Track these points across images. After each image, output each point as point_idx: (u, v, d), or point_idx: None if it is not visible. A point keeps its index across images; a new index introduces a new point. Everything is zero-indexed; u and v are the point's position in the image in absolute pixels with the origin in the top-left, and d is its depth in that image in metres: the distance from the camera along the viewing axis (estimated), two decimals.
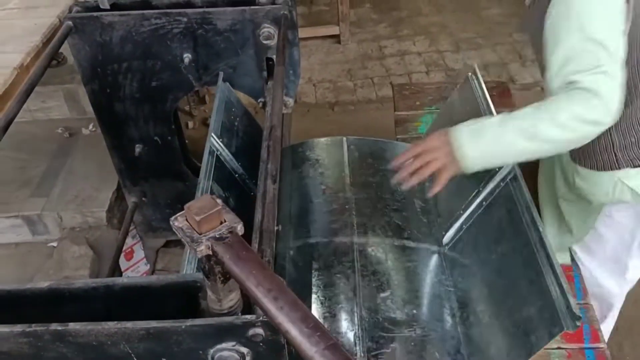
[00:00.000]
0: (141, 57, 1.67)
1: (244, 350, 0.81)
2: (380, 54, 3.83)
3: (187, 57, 1.66)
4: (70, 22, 1.61)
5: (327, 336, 0.60)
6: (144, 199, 2.07)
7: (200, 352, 0.82)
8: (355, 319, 1.28)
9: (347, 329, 1.27)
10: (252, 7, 1.57)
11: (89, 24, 1.62)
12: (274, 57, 1.59)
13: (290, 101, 1.79)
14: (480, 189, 1.35)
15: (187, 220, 0.72)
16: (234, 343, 0.81)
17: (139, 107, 1.80)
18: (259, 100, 1.73)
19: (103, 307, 0.92)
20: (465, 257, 1.38)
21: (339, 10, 3.80)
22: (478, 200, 1.36)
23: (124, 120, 1.83)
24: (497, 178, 1.31)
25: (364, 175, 1.65)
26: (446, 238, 1.45)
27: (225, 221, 0.72)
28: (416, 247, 1.47)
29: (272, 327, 0.78)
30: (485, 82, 2.19)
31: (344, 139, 1.78)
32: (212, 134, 1.43)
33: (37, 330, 0.79)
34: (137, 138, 1.89)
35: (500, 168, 1.30)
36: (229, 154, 1.49)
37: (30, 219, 2.13)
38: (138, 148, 1.90)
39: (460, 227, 1.42)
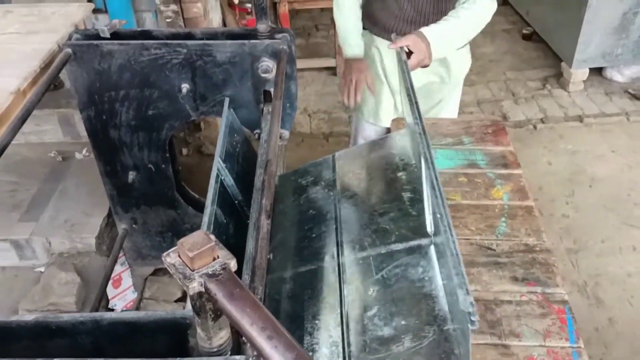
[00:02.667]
0: (139, 86, 1.68)
1: None
2: None
3: (185, 87, 1.66)
4: (69, 50, 1.62)
5: None
6: (134, 225, 2.05)
7: None
8: (341, 348, 1.24)
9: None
10: (252, 41, 1.58)
11: (89, 51, 1.62)
12: (272, 90, 1.60)
13: (285, 133, 1.79)
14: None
15: (179, 256, 0.71)
16: None
17: (134, 135, 1.80)
18: (255, 132, 1.73)
19: (91, 341, 0.90)
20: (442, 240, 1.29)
21: (335, 43, 3.85)
22: (424, 179, 1.30)
23: (119, 147, 1.83)
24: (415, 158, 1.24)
25: (352, 186, 1.61)
26: (428, 225, 1.35)
27: (218, 257, 0.71)
28: (404, 247, 1.38)
29: None
30: (480, 120, 2.23)
31: (333, 155, 1.73)
32: (219, 158, 1.41)
33: None
34: (131, 165, 1.88)
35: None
36: (231, 179, 1.48)
37: (19, 243, 2.10)
38: (131, 175, 1.89)
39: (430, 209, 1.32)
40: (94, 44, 1.61)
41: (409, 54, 1.73)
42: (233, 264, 0.73)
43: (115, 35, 1.65)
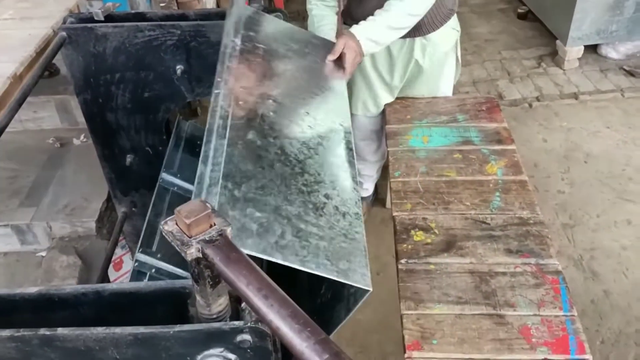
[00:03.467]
0: (134, 68, 1.69)
1: (232, 356, 0.82)
2: None
3: (179, 68, 1.67)
4: (64, 33, 1.62)
5: (317, 331, 0.61)
6: (134, 209, 2.07)
7: (188, 358, 0.82)
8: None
9: None
10: None
11: (83, 35, 1.63)
12: None
13: None
14: None
15: (177, 224, 0.73)
16: (221, 349, 0.81)
17: (131, 117, 1.81)
18: None
19: (93, 313, 0.92)
20: None
21: None
22: None
23: (116, 130, 1.84)
24: None
25: None
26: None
27: (214, 224, 0.73)
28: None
29: (259, 333, 0.79)
30: (474, 98, 2.24)
31: None
32: (163, 173, 1.56)
33: (25, 335, 0.80)
34: (129, 148, 1.89)
35: None
36: (190, 186, 1.56)
37: (20, 228, 2.12)
38: (129, 158, 1.91)
39: None
40: (89, 27, 1.62)
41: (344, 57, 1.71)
42: (229, 231, 0.75)
43: (110, 18, 1.65)
